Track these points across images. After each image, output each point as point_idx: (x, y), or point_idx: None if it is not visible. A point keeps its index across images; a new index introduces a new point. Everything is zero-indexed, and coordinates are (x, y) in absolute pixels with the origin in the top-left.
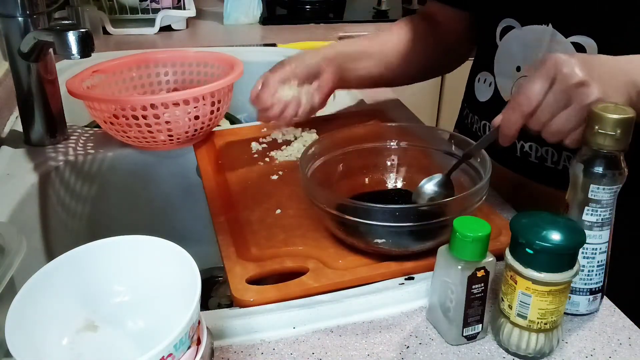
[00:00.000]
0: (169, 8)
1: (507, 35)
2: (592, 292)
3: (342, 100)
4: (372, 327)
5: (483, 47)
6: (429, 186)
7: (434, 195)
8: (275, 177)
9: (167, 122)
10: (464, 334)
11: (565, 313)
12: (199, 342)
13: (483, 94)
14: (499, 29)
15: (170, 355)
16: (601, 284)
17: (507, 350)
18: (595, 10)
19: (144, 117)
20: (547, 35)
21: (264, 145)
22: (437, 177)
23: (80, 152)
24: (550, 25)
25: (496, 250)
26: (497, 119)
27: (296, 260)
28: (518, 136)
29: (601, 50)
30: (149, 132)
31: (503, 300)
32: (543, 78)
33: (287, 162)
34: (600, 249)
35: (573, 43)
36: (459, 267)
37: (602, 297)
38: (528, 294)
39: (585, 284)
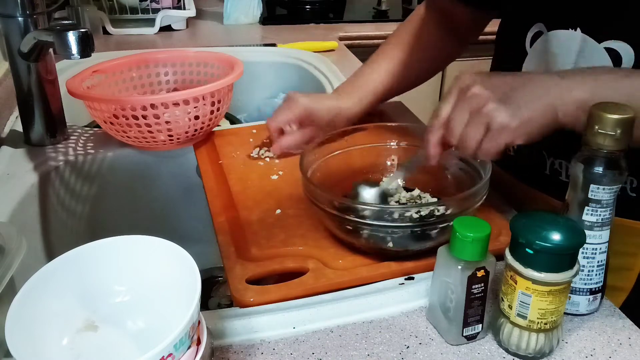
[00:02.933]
0: (169, 8)
1: (537, 42)
2: (592, 292)
3: None
4: (372, 327)
5: (510, 55)
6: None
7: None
8: (275, 177)
9: (167, 122)
10: (464, 334)
11: (565, 313)
12: (199, 342)
13: None
14: (529, 35)
15: (170, 355)
16: (601, 284)
17: (507, 350)
18: (627, 13)
19: (144, 117)
20: (577, 41)
21: (265, 148)
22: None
23: (80, 152)
24: (578, 30)
25: (496, 250)
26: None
27: (296, 260)
28: (547, 152)
29: (639, 56)
30: (149, 132)
31: (503, 300)
32: (449, 96)
33: (287, 162)
34: (600, 249)
35: (607, 49)
36: (459, 267)
37: (602, 297)
38: (528, 294)
39: (585, 284)
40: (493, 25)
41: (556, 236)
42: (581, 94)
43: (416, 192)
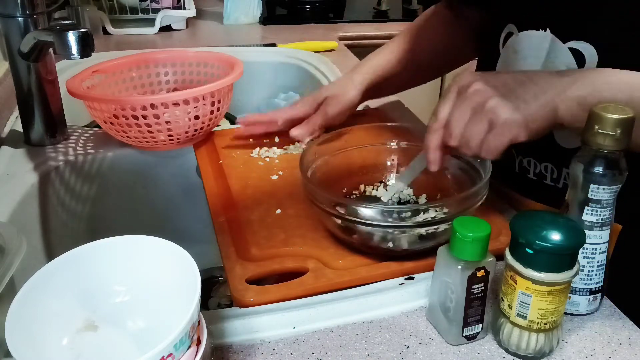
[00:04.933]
0: (169, 8)
1: (508, 41)
2: (592, 292)
3: None
4: (372, 327)
5: (486, 55)
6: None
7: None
8: (275, 177)
9: (167, 122)
10: (464, 334)
11: (565, 313)
12: (199, 342)
13: None
14: (502, 35)
15: (170, 355)
16: (601, 284)
17: (507, 350)
18: (593, 16)
19: (144, 117)
20: (547, 41)
21: (265, 148)
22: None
23: (80, 152)
24: (548, 30)
25: (496, 250)
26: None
27: (296, 260)
28: (516, 150)
29: (601, 57)
30: (149, 132)
31: (503, 300)
32: (447, 96)
33: (287, 162)
34: (600, 249)
35: (571, 49)
36: (459, 267)
37: (602, 297)
38: (528, 294)
39: (585, 284)
40: None
41: (556, 236)
42: (581, 90)
43: (409, 190)
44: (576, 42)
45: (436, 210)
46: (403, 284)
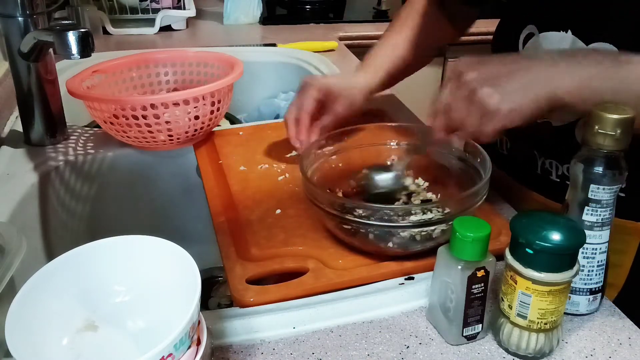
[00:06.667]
0: (169, 8)
1: (529, 42)
2: (592, 292)
3: None
4: (372, 327)
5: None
6: (386, 176)
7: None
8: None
9: (167, 122)
10: (464, 334)
11: (565, 313)
12: (199, 342)
13: None
14: (522, 36)
15: (170, 355)
16: (601, 284)
17: (507, 350)
18: (616, 16)
19: (144, 117)
20: (567, 43)
21: (266, 165)
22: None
23: (80, 152)
24: (569, 32)
25: (496, 250)
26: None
27: (296, 260)
28: (538, 152)
29: None
30: (149, 132)
31: (503, 300)
32: (447, 83)
33: (287, 163)
34: (600, 249)
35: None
36: (459, 267)
37: (602, 297)
38: (528, 294)
39: (585, 284)
40: (491, 26)
41: (556, 236)
42: (576, 74)
43: (411, 185)
44: (600, 44)
45: (437, 210)
46: (403, 284)
